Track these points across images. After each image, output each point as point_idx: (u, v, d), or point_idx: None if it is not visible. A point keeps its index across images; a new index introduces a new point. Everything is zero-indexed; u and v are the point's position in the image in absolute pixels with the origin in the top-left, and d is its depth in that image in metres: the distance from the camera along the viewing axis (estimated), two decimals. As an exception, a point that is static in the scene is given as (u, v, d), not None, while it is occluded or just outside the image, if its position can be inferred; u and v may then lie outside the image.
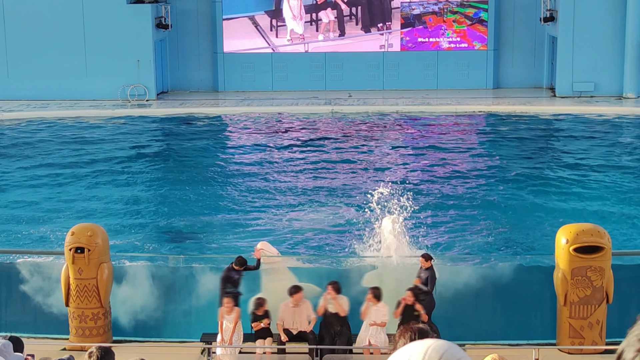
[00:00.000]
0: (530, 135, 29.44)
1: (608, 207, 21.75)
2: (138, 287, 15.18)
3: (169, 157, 27.80)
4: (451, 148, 27.98)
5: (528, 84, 36.67)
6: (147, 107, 33.91)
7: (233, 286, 14.02)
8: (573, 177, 24.41)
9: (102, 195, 23.42)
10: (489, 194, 23.12)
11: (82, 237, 13.94)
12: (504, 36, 36.75)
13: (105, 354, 7.63)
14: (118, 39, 34.69)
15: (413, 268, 14.49)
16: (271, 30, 36.92)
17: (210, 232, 20.46)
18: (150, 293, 15.10)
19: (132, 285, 15.17)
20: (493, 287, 14.88)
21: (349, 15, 36.93)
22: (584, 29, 33.83)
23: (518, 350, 13.66)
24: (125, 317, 15.01)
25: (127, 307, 15.03)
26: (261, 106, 33.82)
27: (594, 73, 34.14)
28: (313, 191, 23.59)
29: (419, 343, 3.12)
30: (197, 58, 37.27)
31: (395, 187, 18.10)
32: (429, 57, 36.67)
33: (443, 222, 20.77)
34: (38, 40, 34.82)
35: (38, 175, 25.34)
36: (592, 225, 13.94)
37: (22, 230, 20.55)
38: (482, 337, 14.50)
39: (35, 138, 29.74)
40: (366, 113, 32.71)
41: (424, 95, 35.07)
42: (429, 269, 14.01)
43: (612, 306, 13.88)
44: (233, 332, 13.43)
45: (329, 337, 13.59)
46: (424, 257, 14.11)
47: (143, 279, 15.29)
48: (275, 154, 27.82)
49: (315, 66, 36.79)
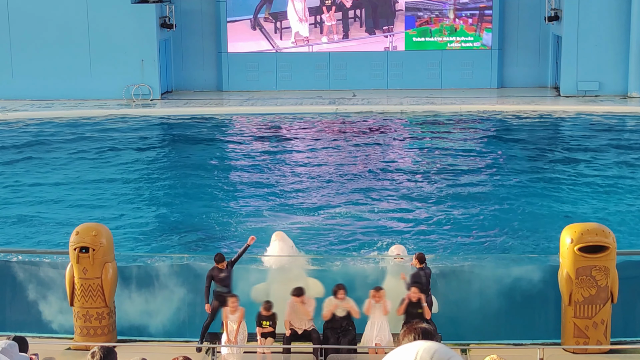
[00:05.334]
0: (535, 134, 29.41)
1: (613, 206, 21.73)
2: (142, 287, 15.19)
3: (173, 157, 27.82)
4: (455, 147, 27.96)
5: (532, 84, 36.64)
6: (152, 107, 33.94)
7: (221, 285, 14.00)
8: (577, 176, 24.39)
9: (106, 195, 23.44)
10: (493, 193, 23.10)
11: (86, 236, 13.95)
12: (508, 35, 36.73)
13: (107, 354, 7.63)
14: (122, 39, 34.73)
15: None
16: (275, 33, 36.94)
17: (213, 231, 20.47)
18: (154, 292, 15.11)
19: (136, 284, 15.17)
20: (497, 286, 14.86)
21: (353, 18, 36.93)
22: (588, 28, 33.79)
23: (522, 350, 13.65)
24: (129, 317, 15.02)
25: (131, 306, 15.04)
26: (265, 106, 33.83)
27: (598, 72, 34.10)
28: (316, 190, 23.59)
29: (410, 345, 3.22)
30: (201, 58, 37.29)
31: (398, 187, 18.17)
32: (433, 57, 36.65)
33: (446, 222, 20.76)
34: (42, 40, 34.87)
35: (42, 174, 25.37)
36: (596, 225, 13.91)
37: (27, 230, 20.58)
38: (486, 336, 14.49)
39: (40, 138, 29.76)
40: (370, 112, 32.71)
41: (429, 95, 35.06)
42: (422, 269, 13.96)
43: (617, 306, 13.86)
44: (237, 332, 13.44)
45: (334, 337, 13.59)
46: (419, 258, 14.04)
47: (147, 278, 15.30)
48: (279, 153, 27.82)
49: (320, 66, 36.81)
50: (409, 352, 3.16)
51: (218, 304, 14.00)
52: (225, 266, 14.02)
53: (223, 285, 14.02)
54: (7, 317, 15.53)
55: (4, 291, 15.70)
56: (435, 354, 3.15)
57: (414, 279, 13.82)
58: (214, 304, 14.04)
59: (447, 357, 3.16)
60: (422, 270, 13.94)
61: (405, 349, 3.19)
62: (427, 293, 13.84)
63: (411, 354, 3.15)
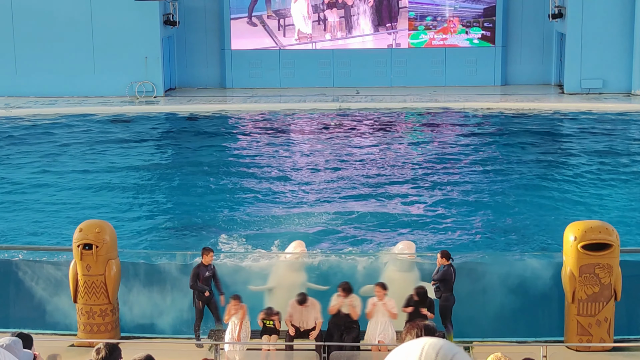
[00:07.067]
0: (538, 132, 29.37)
1: (616, 204, 21.72)
2: (146, 283, 15.21)
3: (177, 154, 27.84)
4: (459, 145, 27.95)
5: (536, 81, 36.60)
6: (155, 104, 33.95)
7: (204, 284, 14.03)
8: (581, 174, 24.37)
9: (110, 192, 23.46)
10: (496, 191, 23.09)
11: (90, 233, 13.97)
12: (512, 33, 36.69)
13: (112, 351, 7.65)
14: (126, 36, 34.74)
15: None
16: (279, 30, 36.94)
17: (217, 228, 20.46)
18: (157, 289, 15.13)
19: (140, 281, 15.19)
20: (501, 284, 14.86)
21: (357, 15, 36.90)
22: (592, 26, 33.75)
23: (526, 348, 13.63)
24: (133, 314, 15.04)
25: (135, 303, 15.06)
26: (269, 103, 33.83)
27: (602, 70, 34.06)
28: (318, 188, 23.59)
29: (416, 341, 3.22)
30: (204, 55, 37.30)
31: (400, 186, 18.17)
32: (436, 54, 36.63)
33: (450, 220, 20.76)
34: (46, 37, 34.89)
35: (46, 171, 25.40)
36: (600, 223, 13.90)
37: (30, 227, 20.60)
38: (490, 334, 14.49)
39: (44, 134, 29.79)
40: (374, 110, 32.69)
41: (432, 92, 35.04)
42: (450, 266, 13.98)
43: (620, 303, 13.85)
44: (240, 329, 13.46)
45: (338, 334, 13.60)
46: (445, 255, 14.02)
47: (150, 275, 15.31)
48: (282, 150, 27.82)
49: (323, 63, 36.79)
50: (415, 349, 3.17)
51: (202, 304, 14.08)
52: (210, 262, 14.11)
53: (205, 285, 14.07)
54: (11, 314, 15.56)
55: (8, 288, 15.73)
56: (441, 350, 3.16)
57: (444, 276, 13.84)
58: (198, 304, 14.09)
59: (452, 354, 3.16)
60: (451, 267, 13.96)
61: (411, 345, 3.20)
62: (452, 291, 13.87)
63: (417, 350, 3.16)
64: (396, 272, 14.93)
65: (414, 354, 3.14)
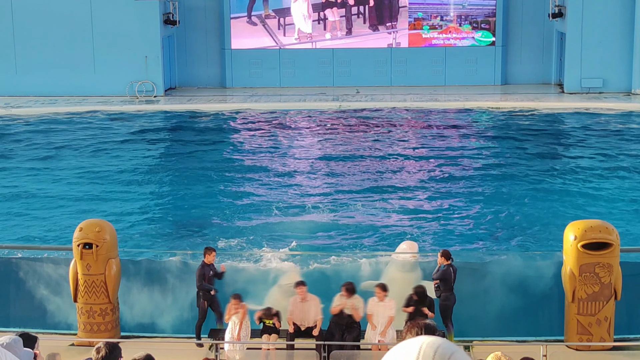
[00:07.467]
0: (538, 131, 29.37)
1: (616, 203, 21.71)
2: (146, 283, 15.21)
3: (177, 153, 27.84)
4: (459, 144, 27.95)
5: (536, 80, 36.60)
6: (155, 104, 33.95)
7: (208, 284, 14.03)
8: (581, 173, 24.37)
9: (110, 191, 23.46)
10: (496, 190, 23.09)
11: (90, 232, 13.96)
12: (512, 32, 36.68)
13: (112, 350, 7.65)
14: (126, 35, 34.74)
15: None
16: (279, 29, 36.94)
17: (217, 227, 20.47)
18: (157, 288, 15.13)
19: (140, 280, 15.19)
20: (501, 283, 14.86)
21: (357, 14, 36.90)
22: (592, 25, 33.74)
23: (526, 347, 13.63)
24: (133, 313, 15.04)
25: (135, 302, 15.06)
26: (269, 102, 33.82)
27: (602, 69, 34.05)
28: (319, 187, 23.60)
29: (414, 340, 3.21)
30: (204, 54, 37.29)
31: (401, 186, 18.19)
32: (437, 54, 36.62)
33: (450, 219, 20.76)
34: (46, 37, 34.89)
35: (45, 171, 25.39)
36: (600, 222, 13.89)
37: (30, 226, 20.60)
38: (490, 333, 14.49)
39: (43, 134, 29.78)
40: (374, 109, 32.68)
41: (432, 92, 35.03)
42: (450, 266, 13.98)
43: (620, 303, 13.85)
44: (240, 328, 13.46)
45: (338, 334, 13.60)
46: (445, 255, 14.01)
47: (151, 274, 15.31)
48: (282, 149, 27.82)
49: (323, 62, 36.79)
50: (413, 347, 3.16)
51: (207, 304, 14.08)
52: (212, 261, 14.11)
53: (209, 284, 14.08)
54: (12, 313, 15.56)
55: (8, 288, 15.73)
56: (439, 349, 3.15)
57: (444, 276, 13.84)
58: (203, 303, 14.09)
59: (450, 352, 3.16)
60: (451, 266, 13.95)
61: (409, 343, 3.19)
62: (452, 290, 13.87)
63: (414, 349, 3.15)
64: (398, 272, 14.93)
65: (412, 352, 3.14)
